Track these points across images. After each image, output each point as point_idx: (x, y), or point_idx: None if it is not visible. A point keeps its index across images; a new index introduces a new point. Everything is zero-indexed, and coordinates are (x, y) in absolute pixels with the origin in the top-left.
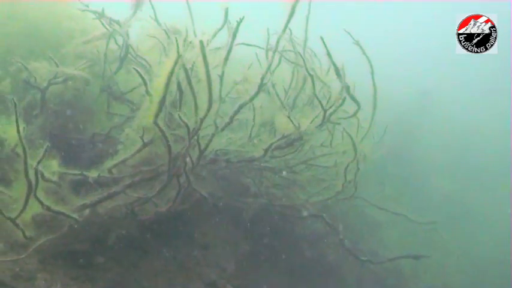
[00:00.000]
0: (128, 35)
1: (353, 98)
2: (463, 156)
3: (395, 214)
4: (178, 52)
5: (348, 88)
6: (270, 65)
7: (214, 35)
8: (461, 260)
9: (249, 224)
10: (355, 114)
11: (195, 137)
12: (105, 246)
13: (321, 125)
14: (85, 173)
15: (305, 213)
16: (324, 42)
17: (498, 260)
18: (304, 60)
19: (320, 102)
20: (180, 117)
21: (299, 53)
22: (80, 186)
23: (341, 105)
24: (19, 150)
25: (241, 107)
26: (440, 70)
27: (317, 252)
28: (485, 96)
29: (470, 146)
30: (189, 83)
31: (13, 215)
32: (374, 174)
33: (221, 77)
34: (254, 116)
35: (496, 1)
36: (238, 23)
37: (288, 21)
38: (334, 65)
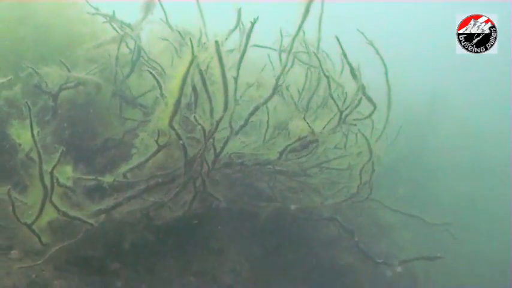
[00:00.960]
0: (139, 38)
1: (369, 99)
2: (473, 157)
3: (408, 216)
4: (193, 53)
5: (364, 89)
6: (284, 67)
7: (228, 36)
8: (474, 260)
9: (263, 228)
10: (370, 115)
11: (211, 140)
12: (121, 252)
13: (336, 127)
14: (100, 178)
15: (319, 216)
16: (339, 43)
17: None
18: (319, 61)
19: (336, 103)
20: (196, 119)
21: (315, 54)
22: (94, 191)
23: (357, 106)
24: (34, 155)
25: (256, 109)
26: (445, 71)
27: (331, 255)
28: (489, 96)
29: (478, 147)
30: (204, 84)
31: (29, 221)
32: (386, 176)
33: (236, 78)
34: (268, 119)
35: (496, 1)
36: (253, 24)
37: (302, 22)
38: (350, 65)
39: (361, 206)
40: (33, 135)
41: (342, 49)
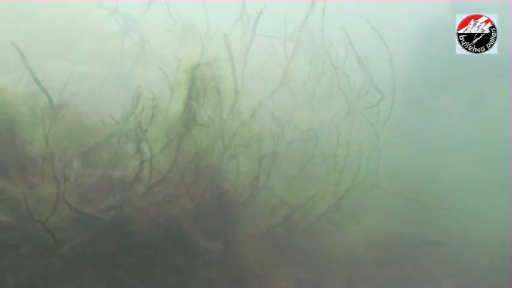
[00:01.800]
0: (143, 30)
1: (376, 88)
2: (476, 142)
3: (412, 201)
4: (202, 45)
5: (371, 78)
6: (291, 57)
7: (234, 25)
8: (479, 245)
9: (267, 218)
10: (378, 104)
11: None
12: (131, 247)
13: (345, 116)
14: (109, 172)
15: (323, 204)
16: (346, 33)
17: None
18: (327, 51)
19: (344, 93)
20: (206, 112)
21: (323, 46)
22: (103, 186)
23: (365, 95)
24: (45, 152)
25: (263, 100)
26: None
27: (336, 243)
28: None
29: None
30: (213, 77)
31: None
32: (390, 162)
33: (243, 69)
34: (273, 109)
35: (496, 1)
36: (259, 14)
37: (309, 11)
38: (357, 55)
39: (363, 192)
40: (45, 133)
41: (349, 39)
